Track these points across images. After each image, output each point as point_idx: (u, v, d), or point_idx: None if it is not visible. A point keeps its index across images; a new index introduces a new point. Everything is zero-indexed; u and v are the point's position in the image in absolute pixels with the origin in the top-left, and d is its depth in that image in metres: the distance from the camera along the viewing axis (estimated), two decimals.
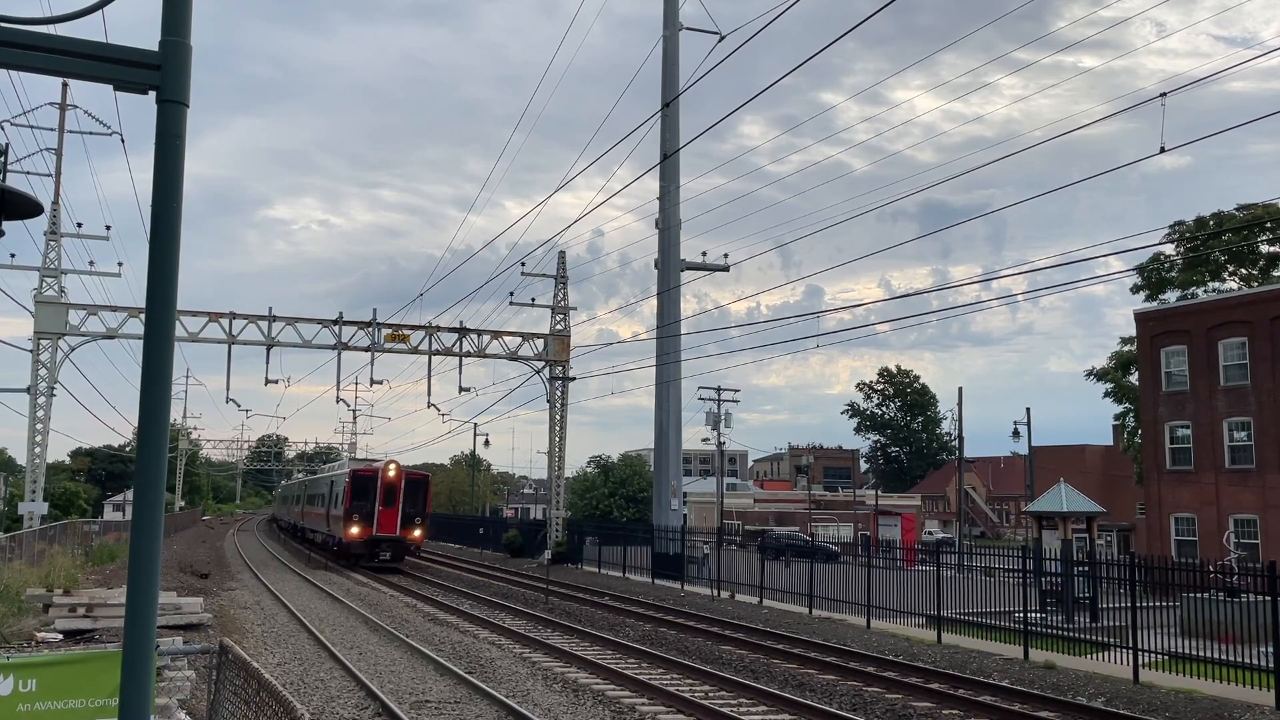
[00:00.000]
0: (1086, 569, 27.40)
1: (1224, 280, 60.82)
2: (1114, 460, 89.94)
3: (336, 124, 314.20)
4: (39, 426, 41.57)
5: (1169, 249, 59.90)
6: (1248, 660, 18.74)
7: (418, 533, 45.86)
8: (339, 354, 45.46)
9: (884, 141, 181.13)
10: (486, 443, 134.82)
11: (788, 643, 23.43)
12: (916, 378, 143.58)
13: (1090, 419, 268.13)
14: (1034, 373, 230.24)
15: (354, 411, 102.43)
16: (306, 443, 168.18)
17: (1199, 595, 23.47)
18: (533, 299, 49.27)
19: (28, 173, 40.62)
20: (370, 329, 45.73)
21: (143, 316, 4.62)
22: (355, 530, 43.84)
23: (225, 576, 39.22)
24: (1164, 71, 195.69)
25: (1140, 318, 49.73)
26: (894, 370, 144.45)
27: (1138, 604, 20.60)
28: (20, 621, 19.75)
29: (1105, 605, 26.45)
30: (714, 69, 24.82)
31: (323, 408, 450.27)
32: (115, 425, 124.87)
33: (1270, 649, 17.85)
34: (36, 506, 41.15)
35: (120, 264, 64.59)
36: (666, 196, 46.42)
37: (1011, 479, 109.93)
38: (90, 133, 42.75)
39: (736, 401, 65.16)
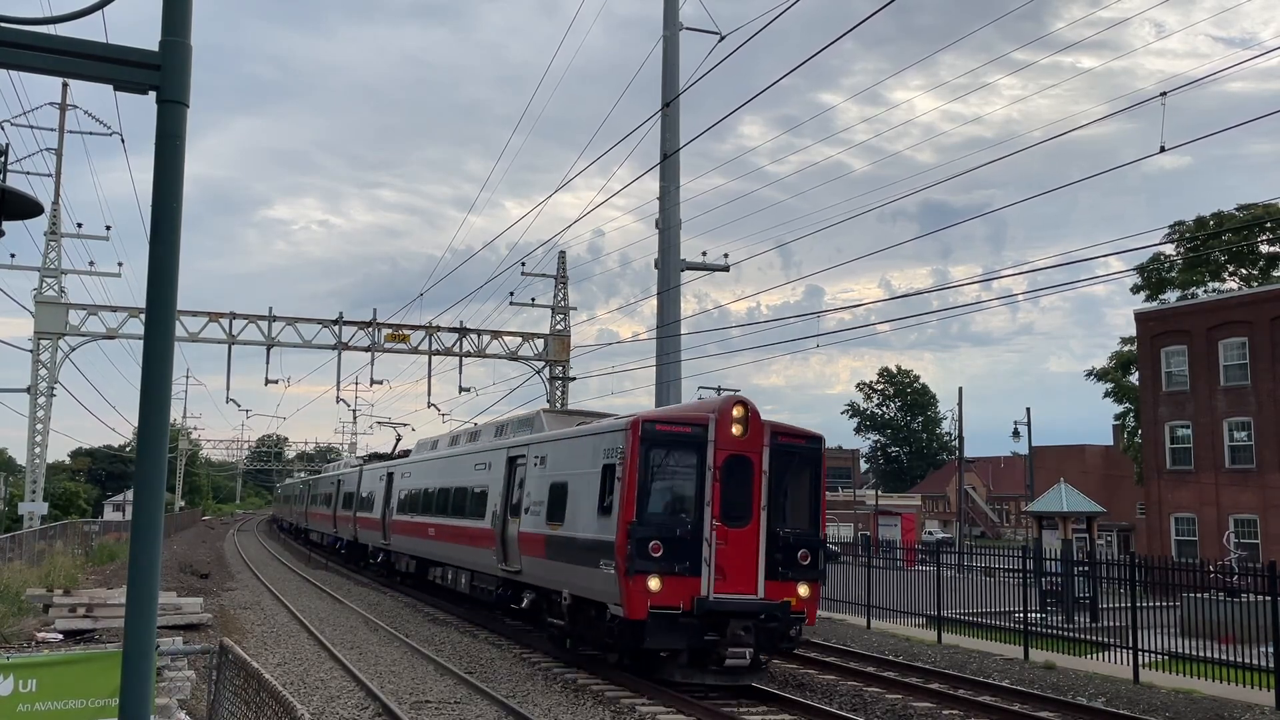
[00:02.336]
0: (1086, 569, 27.42)
1: (1224, 280, 60.87)
2: (1114, 460, 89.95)
3: (336, 124, 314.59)
4: (39, 426, 41.55)
5: (1169, 249, 59.96)
6: (1248, 660, 18.74)
7: (804, 589, 17.48)
8: (339, 354, 45.42)
9: (883, 142, 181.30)
10: None
11: None
12: (916, 378, 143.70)
13: (1090, 419, 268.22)
14: (1034, 373, 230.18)
15: (354, 411, 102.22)
16: (306, 442, 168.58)
17: (1199, 595, 23.47)
18: (533, 299, 49.21)
19: (28, 173, 40.72)
20: (370, 329, 45.70)
21: (143, 316, 4.63)
22: (655, 584, 16.53)
23: (225, 577, 39.22)
24: (1163, 72, 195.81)
25: (1140, 318, 49.75)
26: (894, 370, 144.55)
27: (1138, 604, 20.60)
28: (20, 621, 19.76)
29: (1105, 605, 26.48)
30: (714, 69, 24.83)
31: (323, 408, 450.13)
32: (115, 425, 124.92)
33: (1270, 649, 17.85)
34: (36, 506, 41.16)
35: (120, 264, 64.56)
36: (666, 196, 46.31)
37: (1011, 479, 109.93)
38: (90, 133, 42.89)
39: None
